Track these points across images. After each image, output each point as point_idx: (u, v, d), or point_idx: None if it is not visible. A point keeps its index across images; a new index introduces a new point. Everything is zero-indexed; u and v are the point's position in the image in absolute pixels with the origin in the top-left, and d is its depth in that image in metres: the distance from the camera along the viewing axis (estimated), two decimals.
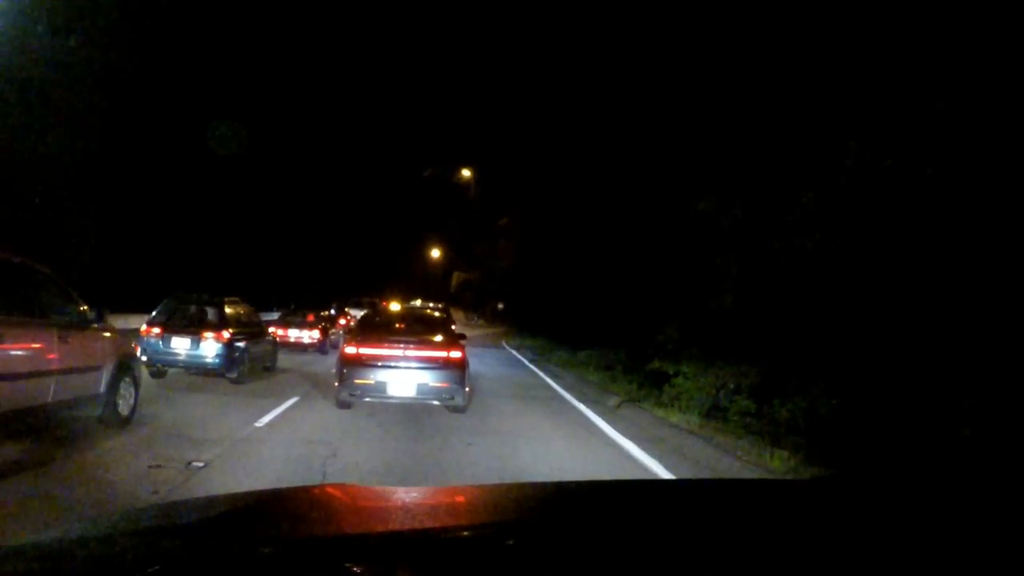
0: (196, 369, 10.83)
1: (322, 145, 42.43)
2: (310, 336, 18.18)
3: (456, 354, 8.25)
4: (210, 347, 10.52)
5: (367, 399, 8.27)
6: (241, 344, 11.08)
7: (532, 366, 17.96)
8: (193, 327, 10.79)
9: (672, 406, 9.65)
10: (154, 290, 14.12)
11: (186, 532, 1.14)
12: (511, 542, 1.08)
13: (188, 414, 7.70)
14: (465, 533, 1.15)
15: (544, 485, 2.51)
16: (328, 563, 0.94)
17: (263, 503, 1.42)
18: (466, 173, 23.44)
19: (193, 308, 11.33)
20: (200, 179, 28.57)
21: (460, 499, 1.53)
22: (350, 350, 8.32)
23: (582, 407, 10.19)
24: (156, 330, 10.72)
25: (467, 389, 8.44)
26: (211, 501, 1.60)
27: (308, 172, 40.45)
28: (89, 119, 18.88)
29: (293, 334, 18.09)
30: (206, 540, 1.07)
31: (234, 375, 10.82)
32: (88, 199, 20.01)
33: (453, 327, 9.47)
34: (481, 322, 53.99)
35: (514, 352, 23.87)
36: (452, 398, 8.18)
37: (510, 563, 1.00)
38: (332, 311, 23.27)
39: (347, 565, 0.92)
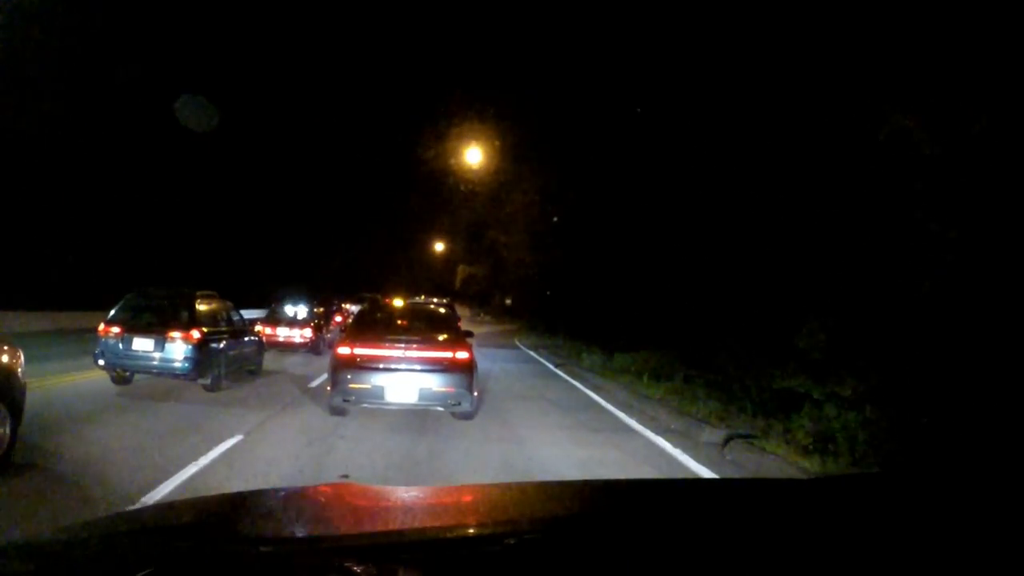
0: (162, 374, 9.46)
1: (320, 138, 41.04)
2: (301, 335, 16.89)
3: (463, 354, 7.67)
4: (177, 349, 9.22)
5: (364, 404, 7.62)
6: (216, 345, 9.85)
7: (561, 372, 15.55)
8: (158, 326, 9.43)
9: (823, 451, 6.41)
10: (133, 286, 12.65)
11: (185, 532, 1.15)
12: (511, 541, 1.08)
13: (83, 459, 5.58)
14: (465, 533, 1.17)
15: (545, 485, 2.45)
16: (328, 563, 0.96)
17: (263, 503, 1.43)
18: (472, 157, 21.84)
19: (159, 304, 9.91)
20: (190, 170, 27.26)
21: (460, 499, 1.58)
22: (343, 350, 7.68)
23: (666, 445, 7.24)
24: (115, 329, 9.47)
25: (475, 394, 7.86)
26: (211, 501, 1.62)
27: (306, 167, 39.14)
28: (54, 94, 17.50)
29: (283, 333, 16.82)
30: (206, 540, 1.08)
31: (207, 381, 9.66)
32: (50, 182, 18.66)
33: (459, 324, 8.98)
34: (488, 318, 52.81)
35: (532, 353, 21.41)
36: (459, 404, 7.58)
37: (510, 563, 1.02)
38: (328, 307, 21.76)
39: (347, 565, 0.93)
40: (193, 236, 28.20)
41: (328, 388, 7.89)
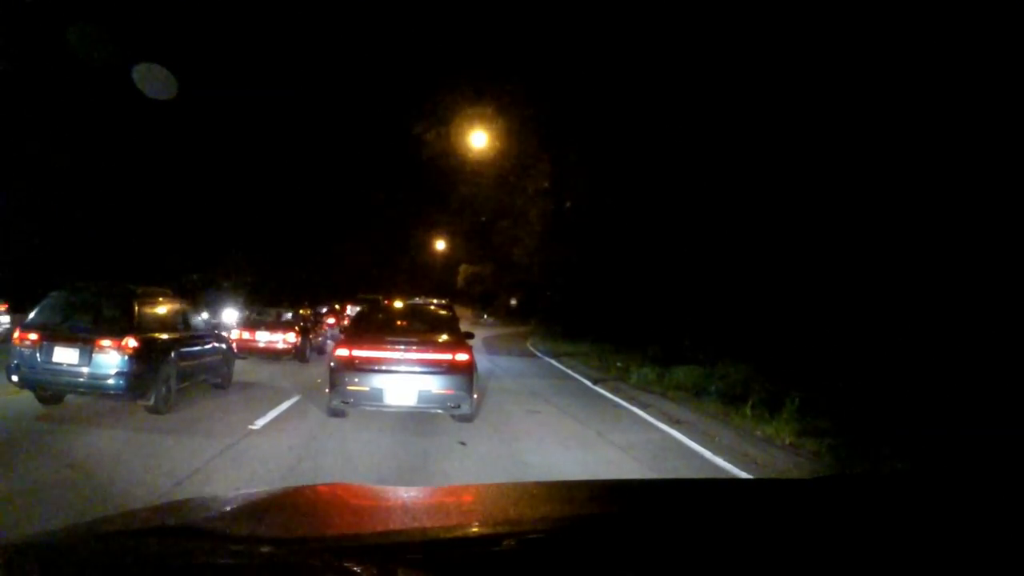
0: (91, 392, 7.77)
1: (313, 131, 39.32)
2: (284, 340, 15.09)
3: (463, 356, 7.80)
4: (107, 361, 7.55)
5: (366, 407, 7.71)
6: (162, 355, 8.15)
7: (606, 392, 12.25)
8: (85, 332, 7.68)
9: None
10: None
11: (186, 532, 1.14)
12: (512, 542, 1.10)
13: None
14: (466, 533, 1.19)
15: (545, 485, 2.35)
16: (328, 563, 0.96)
17: (263, 503, 1.44)
18: (478, 142, 19.91)
19: (89, 304, 8.15)
20: (174, 166, 25.58)
21: (460, 499, 1.62)
22: (342, 352, 7.84)
23: None
24: (32, 336, 7.77)
25: (475, 396, 8.02)
26: (211, 501, 1.64)
27: (300, 162, 37.47)
28: None
29: (263, 338, 15.04)
30: (206, 540, 1.07)
31: (149, 401, 7.88)
32: None
33: (459, 325, 9.01)
34: (492, 320, 51.17)
35: (555, 363, 18.43)
36: (458, 406, 7.71)
37: (511, 563, 1.03)
38: (320, 309, 19.98)
39: (347, 565, 0.94)
40: (173, 235, 26.56)
41: (326, 391, 7.95)
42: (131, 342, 7.48)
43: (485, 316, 53.47)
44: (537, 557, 1.04)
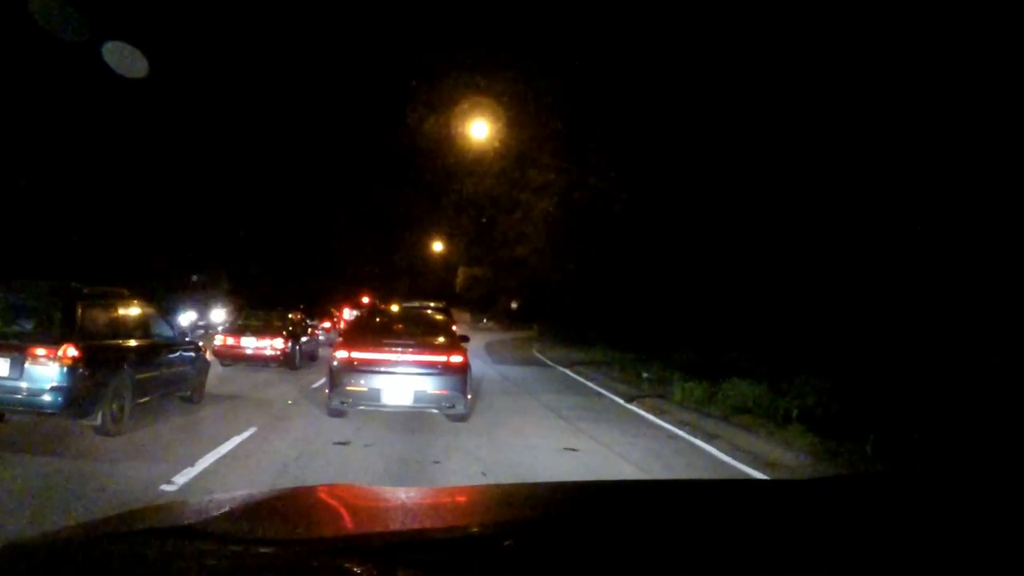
0: (25, 410, 6.61)
1: (306, 128, 38.24)
2: (272, 346, 13.93)
3: (457, 358, 8.11)
4: (42, 373, 6.42)
5: (365, 406, 8.00)
6: (112, 367, 6.95)
7: (648, 415, 10.26)
8: (17, 339, 6.50)
9: None
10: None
11: (186, 532, 1.12)
12: (510, 542, 1.09)
13: None
14: (465, 533, 1.19)
15: (544, 486, 2.44)
16: (328, 563, 0.96)
17: (263, 503, 1.43)
18: (478, 132, 18.67)
19: (25, 307, 6.97)
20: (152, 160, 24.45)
21: (460, 499, 1.61)
22: (341, 354, 8.10)
23: None
24: None
25: (469, 396, 8.37)
26: (211, 501, 1.54)
27: (294, 159, 36.45)
28: None
29: (249, 344, 13.93)
30: (206, 540, 1.06)
31: (96, 420, 6.69)
32: None
33: (454, 328, 9.39)
34: (491, 324, 49.96)
35: (569, 373, 16.71)
36: (453, 406, 8.03)
37: (509, 563, 1.02)
38: (306, 313, 18.81)
39: (347, 565, 0.94)
40: (167, 234, 25.53)
41: (326, 391, 8.29)
42: (70, 351, 6.27)
43: (484, 320, 52.33)
44: (537, 557, 1.03)
